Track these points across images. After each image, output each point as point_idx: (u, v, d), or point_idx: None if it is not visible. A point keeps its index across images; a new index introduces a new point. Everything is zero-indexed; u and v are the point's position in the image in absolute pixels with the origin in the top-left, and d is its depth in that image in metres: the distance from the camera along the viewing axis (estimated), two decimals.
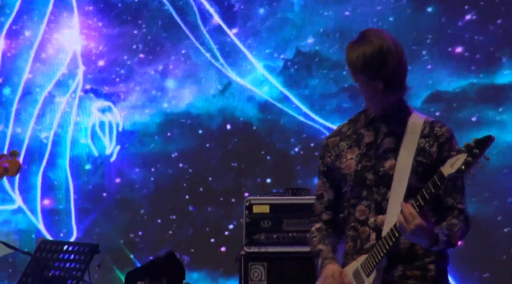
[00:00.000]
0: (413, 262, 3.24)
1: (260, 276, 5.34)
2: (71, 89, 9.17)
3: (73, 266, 5.40)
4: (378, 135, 3.32)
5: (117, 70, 9.14)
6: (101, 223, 8.90)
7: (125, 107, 9.13)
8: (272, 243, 5.38)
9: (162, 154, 9.00)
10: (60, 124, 9.14)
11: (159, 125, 9.06)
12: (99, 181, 9.04)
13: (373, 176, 3.28)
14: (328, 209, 3.43)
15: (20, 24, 9.22)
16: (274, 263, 5.35)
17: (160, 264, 6.08)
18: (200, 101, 9.06)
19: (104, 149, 9.07)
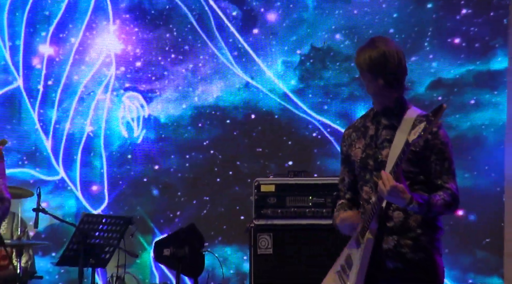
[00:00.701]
0: (406, 233, 3.57)
1: (267, 244, 5.87)
2: (110, 87, 9.66)
3: (111, 236, 5.89)
4: (379, 128, 3.73)
5: (152, 69, 9.60)
6: (143, 203, 9.35)
7: (160, 102, 9.54)
8: (277, 216, 5.95)
9: (195, 142, 9.40)
10: (104, 120, 9.65)
11: (191, 117, 9.45)
12: (140, 168, 9.46)
13: (373, 162, 3.70)
14: (349, 190, 3.86)
15: (66, 32, 9.74)
16: (279, 234, 5.91)
17: (182, 234, 6.68)
18: (227, 95, 9.49)
19: (144, 140, 9.51)
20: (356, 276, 3.56)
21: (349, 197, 3.83)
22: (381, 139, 3.69)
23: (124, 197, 9.42)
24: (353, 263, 3.62)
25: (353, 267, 3.60)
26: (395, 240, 3.56)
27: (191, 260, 6.38)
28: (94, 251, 5.72)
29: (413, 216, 3.57)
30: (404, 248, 3.55)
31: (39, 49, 9.80)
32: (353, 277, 3.58)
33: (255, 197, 6.05)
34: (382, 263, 3.56)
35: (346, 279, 3.65)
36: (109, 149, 9.63)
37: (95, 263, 5.69)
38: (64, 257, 5.81)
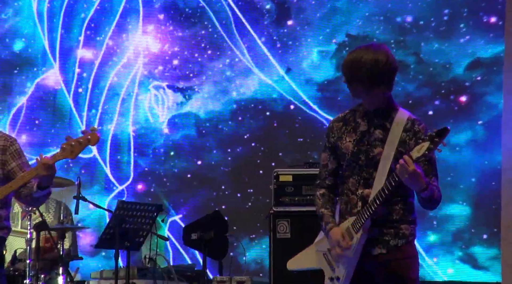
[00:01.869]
0: (388, 224, 3.94)
1: (285, 229, 6.33)
2: (149, 86, 9.69)
3: (144, 221, 6.24)
4: (370, 126, 3.94)
5: (189, 66, 9.64)
6: (188, 199, 9.41)
7: (200, 98, 9.59)
8: (294, 204, 6.40)
9: (236, 136, 9.44)
10: (144, 119, 9.68)
11: (231, 112, 9.49)
12: (183, 164, 9.51)
13: (364, 158, 3.94)
14: (331, 175, 4.08)
15: (103, 35, 9.81)
16: (296, 219, 6.34)
17: (208, 219, 7.19)
18: (265, 87, 9.53)
19: (185, 137, 9.53)
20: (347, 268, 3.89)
21: (330, 183, 4.06)
22: (374, 137, 3.90)
23: (169, 193, 9.49)
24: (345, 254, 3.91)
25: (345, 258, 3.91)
26: (379, 230, 3.91)
27: (216, 243, 6.81)
28: (128, 234, 6.05)
29: (395, 210, 3.92)
30: (387, 236, 3.91)
31: (77, 53, 9.87)
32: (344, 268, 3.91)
33: (274, 186, 6.47)
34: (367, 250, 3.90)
35: (335, 266, 3.95)
36: (152, 146, 9.66)
37: (129, 246, 6.03)
38: (102, 240, 6.17)
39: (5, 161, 4.19)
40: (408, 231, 3.96)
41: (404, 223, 3.95)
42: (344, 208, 4.03)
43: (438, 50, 9.16)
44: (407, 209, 3.97)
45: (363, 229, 3.87)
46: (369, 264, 3.94)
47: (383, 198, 3.81)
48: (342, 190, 4.02)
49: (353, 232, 3.91)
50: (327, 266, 4.02)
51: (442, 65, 9.17)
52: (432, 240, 8.92)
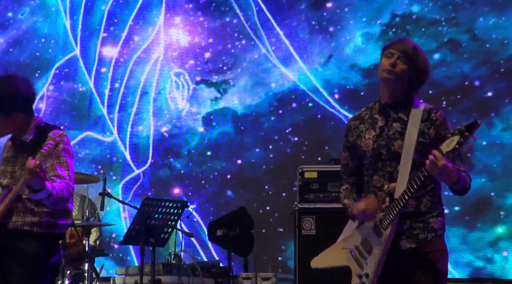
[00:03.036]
0: (417, 218, 3.96)
1: (310, 226, 6.38)
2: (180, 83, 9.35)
3: (169, 217, 6.23)
4: (389, 120, 4.01)
5: (223, 59, 9.28)
6: (230, 203, 9.01)
7: (236, 92, 9.24)
8: (319, 200, 6.46)
9: (277, 130, 9.06)
10: (178, 118, 9.33)
11: (270, 105, 9.13)
12: (221, 164, 9.18)
13: (386, 153, 3.99)
14: (352, 175, 4.17)
15: (128, 31, 9.45)
16: (321, 216, 6.39)
17: (233, 216, 7.21)
18: (306, 76, 9.09)
19: (223, 135, 9.22)
20: (376, 265, 3.92)
21: (352, 181, 4.17)
22: (393, 131, 3.99)
23: (208, 198, 9.12)
24: (372, 251, 3.96)
25: (373, 255, 3.95)
26: (408, 224, 3.95)
27: (241, 240, 6.92)
28: (154, 231, 6.14)
29: (423, 203, 3.97)
30: (416, 229, 3.96)
31: (102, 51, 9.51)
32: (372, 265, 3.94)
33: (299, 183, 6.55)
34: (396, 244, 3.95)
35: (364, 262, 3.99)
36: (187, 147, 9.32)
37: (155, 242, 6.12)
38: (128, 236, 6.23)
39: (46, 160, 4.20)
40: (437, 224, 4.01)
41: (433, 216, 4.01)
42: None
43: (495, 25, 8.66)
44: (435, 200, 4.03)
45: (391, 225, 3.91)
46: (398, 259, 3.97)
47: (412, 193, 3.87)
48: (368, 189, 4.08)
49: (381, 228, 3.96)
50: (354, 263, 4.05)
51: (500, 42, 8.65)
52: (500, 233, 8.29)
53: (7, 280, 4.21)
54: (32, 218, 4.27)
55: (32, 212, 4.27)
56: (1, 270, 4.23)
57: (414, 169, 3.90)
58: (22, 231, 4.25)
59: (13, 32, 9.48)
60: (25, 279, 4.21)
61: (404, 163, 3.94)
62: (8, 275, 4.21)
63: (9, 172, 4.36)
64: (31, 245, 4.26)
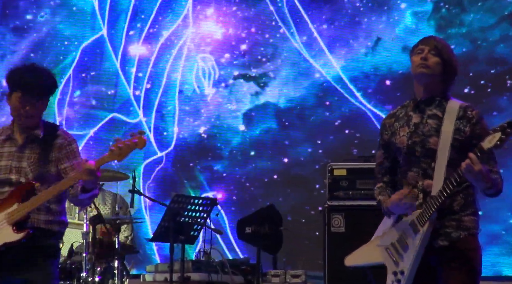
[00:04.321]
0: (451, 216, 4.05)
1: (339, 223, 6.53)
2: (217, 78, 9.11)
3: (198, 215, 6.42)
4: (423, 117, 4.11)
5: (261, 50, 9.02)
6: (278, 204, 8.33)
7: (277, 85, 8.96)
8: (348, 198, 6.62)
9: (325, 123, 8.78)
10: (216, 116, 9.07)
11: (316, 96, 8.83)
12: (266, 163, 8.93)
13: (420, 149, 4.08)
14: (387, 173, 4.26)
15: (157, 26, 9.18)
16: (350, 214, 6.56)
17: (263, 213, 7.36)
18: (353, 63, 8.79)
19: (266, 131, 8.96)
20: (412, 262, 4.00)
21: (387, 180, 4.26)
22: (428, 127, 4.08)
23: (254, 201, 8.74)
24: (409, 247, 4.04)
25: (409, 251, 4.04)
26: (441, 222, 4.04)
27: (270, 237, 7.06)
28: (183, 228, 6.28)
29: (457, 201, 4.06)
30: (449, 228, 4.04)
31: (130, 50, 9.23)
32: (409, 261, 4.02)
33: (328, 180, 6.68)
34: (430, 242, 4.02)
35: (399, 260, 4.08)
36: (228, 147, 9.06)
37: (184, 239, 6.28)
38: (157, 233, 6.41)
39: (60, 159, 4.39)
40: (471, 223, 4.08)
41: (466, 214, 4.08)
42: None
43: None
44: (469, 199, 4.10)
45: (429, 221, 3.99)
46: (432, 257, 4.05)
47: (448, 193, 3.95)
48: (402, 186, 4.15)
49: (418, 225, 4.03)
50: (390, 261, 4.12)
51: None
52: None
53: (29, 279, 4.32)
54: (48, 217, 4.40)
55: (47, 211, 4.40)
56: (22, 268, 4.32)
57: (450, 166, 3.98)
58: (39, 229, 4.36)
59: (33, 36, 9.25)
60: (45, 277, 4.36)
61: (440, 160, 4.03)
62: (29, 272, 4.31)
63: (14, 167, 4.41)
64: (48, 243, 4.40)
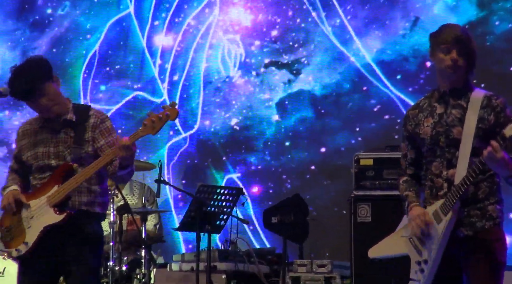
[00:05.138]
0: (475, 204, 4.09)
1: (365, 213, 6.56)
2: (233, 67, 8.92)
3: (224, 204, 6.50)
4: (447, 107, 4.16)
5: (292, 36, 8.81)
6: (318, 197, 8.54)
7: (311, 71, 8.75)
8: (375, 188, 6.65)
9: (363, 111, 8.57)
10: (248, 107, 8.91)
11: (352, 82, 8.63)
12: (303, 154, 8.74)
13: (444, 139, 4.13)
14: (411, 165, 4.31)
15: (182, 15, 8.98)
16: (377, 203, 6.58)
17: (289, 203, 7.38)
18: (390, 45, 8.56)
19: (301, 121, 8.79)
20: (436, 251, 4.04)
21: (411, 173, 4.31)
22: (452, 117, 4.13)
23: (290, 194, 8.28)
24: (432, 237, 4.08)
25: (433, 241, 4.08)
26: (465, 211, 4.08)
27: (296, 227, 7.17)
28: (209, 218, 6.37)
29: (481, 189, 4.10)
30: (474, 217, 4.08)
31: (155, 41, 9.09)
32: (433, 251, 4.06)
33: (354, 170, 6.73)
34: (453, 231, 4.07)
35: (422, 249, 4.12)
36: (262, 139, 8.89)
37: (211, 229, 6.37)
38: (183, 223, 6.53)
39: (95, 138, 4.47)
40: (496, 213, 4.12)
41: (491, 203, 4.13)
42: (428, 193, 4.23)
43: None
44: (493, 187, 4.14)
45: (452, 210, 4.04)
46: (455, 247, 4.10)
47: (470, 182, 4.00)
48: (426, 176, 4.23)
49: (441, 214, 4.09)
50: (413, 250, 4.17)
51: None
52: None
53: (69, 260, 4.38)
54: (88, 198, 4.47)
55: (87, 192, 4.46)
56: (63, 250, 4.40)
57: (474, 155, 4.04)
58: (80, 211, 4.43)
59: (54, 31, 9.08)
60: (86, 259, 4.41)
61: (464, 149, 4.09)
62: (70, 254, 4.38)
63: (52, 153, 4.48)
64: (89, 224, 4.46)
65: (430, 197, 4.22)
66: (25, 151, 4.52)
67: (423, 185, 4.25)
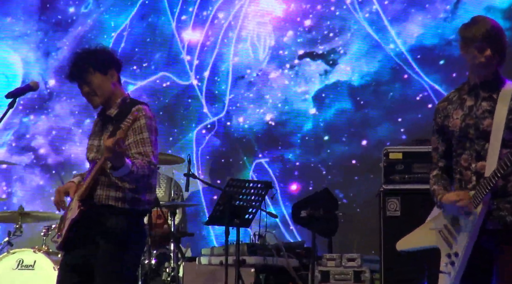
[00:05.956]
0: (505, 198, 4.07)
1: (395, 207, 6.57)
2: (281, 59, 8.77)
3: (253, 198, 6.56)
4: (478, 100, 4.16)
5: (327, 24, 8.63)
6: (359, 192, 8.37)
7: (348, 61, 8.59)
8: (404, 182, 6.65)
9: (406, 99, 8.40)
10: (283, 101, 8.75)
11: (392, 70, 8.44)
12: (343, 148, 8.59)
13: (474, 131, 4.13)
14: (442, 157, 4.30)
15: (210, 8, 8.82)
16: (406, 197, 6.60)
17: (318, 197, 7.47)
18: (432, 29, 8.35)
19: (339, 113, 8.63)
20: (466, 244, 4.06)
21: (442, 165, 4.32)
22: (482, 110, 4.14)
23: (333, 190, 8.21)
24: (462, 229, 4.10)
25: (463, 233, 4.10)
26: (494, 204, 4.08)
27: (325, 221, 7.22)
28: (238, 212, 6.45)
29: (510, 181, 4.08)
30: (503, 211, 4.07)
31: (183, 36, 8.88)
32: (463, 243, 4.07)
33: (384, 163, 6.77)
34: (482, 224, 4.09)
35: (453, 242, 4.14)
36: (299, 134, 8.74)
37: (239, 223, 6.43)
38: (212, 217, 6.62)
39: (127, 135, 4.41)
40: None
41: None
42: (458, 187, 4.25)
43: None
44: None
45: (483, 202, 4.05)
46: (485, 239, 4.11)
47: (501, 174, 4.01)
48: (455, 169, 4.25)
49: (471, 206, 4.11)
50: (443, 243, 4.19)
51: None
52: None
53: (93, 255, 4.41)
54: (116, 193, 4.47)
55: (116, 187, 4.46)
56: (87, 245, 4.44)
57: (504, 147, 4.06)
58: (107, 206, 4.45)
59: (78, 30, 8.88)
60: (110, 254, 4.41)
61: (494, 141, 4.10)
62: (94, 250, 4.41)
63: (95, 146, 4.59)
64: (116, 220, 4.45)
65: (459, 190, 4.22)
66: None
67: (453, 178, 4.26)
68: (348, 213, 8.03)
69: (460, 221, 4.14)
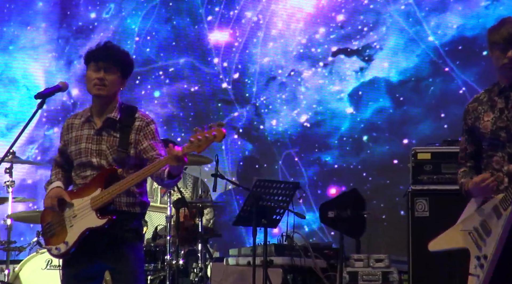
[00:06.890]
0: None
1: (423, 208, 6.55)
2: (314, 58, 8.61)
3: (281, 199, 6.67)
4: (508, 102, 4.18)
5: (361, 19, 8.46)
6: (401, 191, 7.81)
7: (385, 57, 8.40)
8: (432, 182, 6.62)
9: (446, 93, 8.21)
10: (318, 101, 8.58)
11: (431, 63, 8.26)
12: (384, 148, 8.42)
13: (506, 134, 4.17)
14: (471, 158, 4.35)
15: (238, 7, 8.65)
16: (435, 198, 6.56)
17: (345, 198, 7.54)
18: (472, 19, 8.18)
19: (378, 111, 8.47)
20: (496, 246, 4.07)
21: (471, 165, 4.36)
22: None
23: (373, 193, 8.32)
24: (492, 231, 4.12)
25: (493, 235, 4.12)
26: None
27: (353, 221, 7.27)
28: (265, 212, 6.55)
29: None
30: None
31: (210, 38, 8.73)
32: (492, 246, 4.09)
33: (412, 164, 6.77)
34: None
35: (482, 244, 4.17)
36: (337, 135, 8.60)
37: (267, 223, 6.54)
38: (240, 217, 6.76)
39: (138, 141, 4.59)
40: None
41: None
42: None
43: None
44: None
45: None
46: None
47: None
48: (485, 171, 4.23)
49: (501, 209, 4.10)
50: (473, 245, 4.21)
51: None
52: None
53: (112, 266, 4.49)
54: (128, 199, 4.58)
55: (127, 193, 4.58)
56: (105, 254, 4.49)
57: None
58: (122, 212, 4.55)
59: (100, 36, 8.75)
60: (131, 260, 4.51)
61: None
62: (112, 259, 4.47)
63: (94, 150, 4.59)
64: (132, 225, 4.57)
65: None
66: (69, 145, 4.66)
67: None
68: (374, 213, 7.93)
69: (490, 223, 4.17)
